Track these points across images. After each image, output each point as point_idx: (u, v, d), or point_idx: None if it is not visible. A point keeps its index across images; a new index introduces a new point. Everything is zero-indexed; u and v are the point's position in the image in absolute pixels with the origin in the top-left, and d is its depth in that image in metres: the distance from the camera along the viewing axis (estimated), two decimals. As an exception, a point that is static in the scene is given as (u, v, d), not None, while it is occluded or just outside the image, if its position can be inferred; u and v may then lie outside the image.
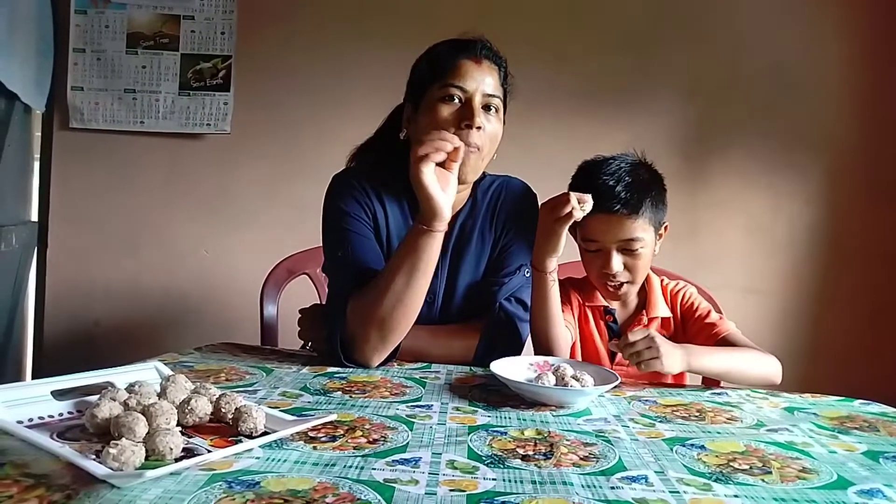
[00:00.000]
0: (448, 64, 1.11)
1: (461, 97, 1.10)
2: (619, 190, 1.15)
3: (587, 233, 1.20)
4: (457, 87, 1.09)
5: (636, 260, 1.19)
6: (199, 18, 2.19)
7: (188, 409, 0.70)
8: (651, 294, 1.28)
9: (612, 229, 1.17)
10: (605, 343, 1.28)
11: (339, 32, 2.20)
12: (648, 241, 1.19)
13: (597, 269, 1.22)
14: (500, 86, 1.14)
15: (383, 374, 1.04)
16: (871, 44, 2.21)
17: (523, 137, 2.21)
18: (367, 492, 0.58)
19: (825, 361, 2.21)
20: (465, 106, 1.09)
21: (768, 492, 0.63)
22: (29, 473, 0.57)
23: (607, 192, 1.15)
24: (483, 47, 1.14)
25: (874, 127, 2.22)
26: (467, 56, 1.12)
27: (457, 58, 1.11)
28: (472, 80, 1.10)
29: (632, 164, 1.20)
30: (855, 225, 2.23)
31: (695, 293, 1.30)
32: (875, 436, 0.84)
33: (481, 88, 1.10)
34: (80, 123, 2.19)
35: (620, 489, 0.62)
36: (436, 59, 1.14)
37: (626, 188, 1.15)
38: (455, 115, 1.09)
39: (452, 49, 1.13)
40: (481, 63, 1.12)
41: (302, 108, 2.21)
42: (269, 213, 2.23)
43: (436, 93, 1.11)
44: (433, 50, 1.16)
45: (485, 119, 1.10)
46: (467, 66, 1.11)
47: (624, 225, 1.16)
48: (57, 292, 2.25)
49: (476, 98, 1.09)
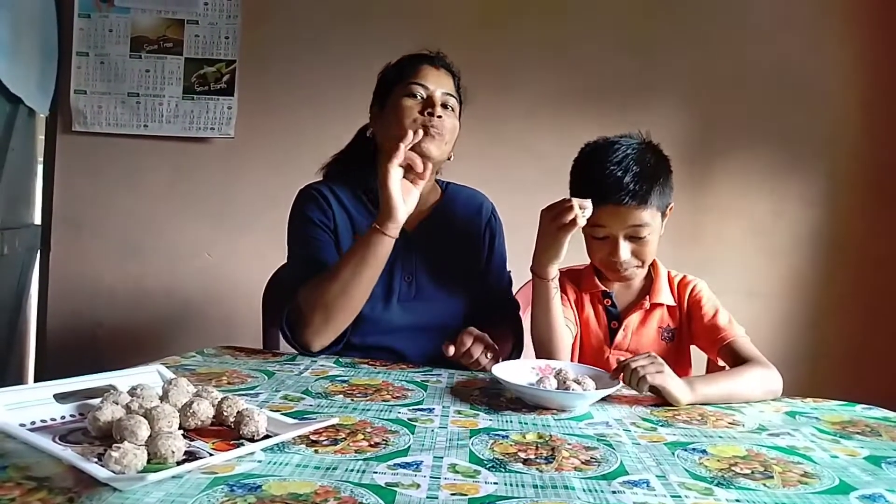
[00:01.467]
0: (410, 68, 1.27)
1: (423, 94, 1.24)
2: (627, 181, 1.13)
3: (595, 220, 1.16)
4: (420, 84, 1.24)
5: (643, 246, 1.18)
6: (202, 23, 2.20)
7: (190, 413, 0.70)
8: (656, 280, 1.26)
9: (620, 218, 1.15)
10: (604, 326, 1.26)
11: (343, 37, 2.21)
12: (656, 226, 1.18)
13: (603, 256, 1.20)
14: (455, 91, 1.29)
15: (385, 378, 1.04)
16: (873, 47, 2.21)
17: (526, 141, 2.22)
18: (369, 495, 0.58)
19: (827, 365, 2.20)
20: (427, 100, 1.24)
21: (770, 496, 0.63)
22: (31, 476, 0.57)
23: (615, 183, 1.13)
24: (440, 58, 1.30)
25: (876, 130, 2.21)
26: (428, 63, 1.28)
27: (419, 63, 1.27)
28: (432, 81, 1.25)
29: (638, 150, 1.17)
30: (857, 228, 2.23)
31: (705, 289, 1.26)
32: (877, 440, 0.84)
33: (440, 88, 1.25)
34: (84, 127, 2.20)
35: (622, 493, 0.62)
36: (400, 65, 1.30)
37: (634, 178, 1.13)
38: (418, 106, 1.23)
39: (415, 58, 1.29)
40: (439, 69, 1.28)
41: (306, 113, 2.21)
42: (273, 216, 2.20)
43: (400, 91, 1.25)
44: (398, 60, 1.32)
45: (444, 112, 1.24)
46: (428, 70, 1.26)
47: (633, 214, 1.14)
48: (60, 295, 2.25)
49: (436, 94, 1.24)
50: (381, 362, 1.16)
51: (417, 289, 1.28)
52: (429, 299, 1.28)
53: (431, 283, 1.29)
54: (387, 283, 1.26)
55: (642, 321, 1.25)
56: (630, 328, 1.25)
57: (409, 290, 1.27)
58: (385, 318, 1.22)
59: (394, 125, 1.22)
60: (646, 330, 1.25)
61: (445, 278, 1.31)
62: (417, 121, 1.20)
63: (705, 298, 1.24)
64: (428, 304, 1.28)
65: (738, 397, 1.01)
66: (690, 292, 1.26)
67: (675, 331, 1.25)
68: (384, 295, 1.25)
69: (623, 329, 1.24)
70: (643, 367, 0.96)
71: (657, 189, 1.16)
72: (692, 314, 1.24)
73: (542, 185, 1.36)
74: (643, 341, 1.24)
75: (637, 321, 1.25)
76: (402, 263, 1.27)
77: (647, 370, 0.95)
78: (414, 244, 1.29)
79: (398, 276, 1.27)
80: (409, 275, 1.28)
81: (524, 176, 2.18)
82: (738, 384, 1.02)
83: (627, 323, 1.25)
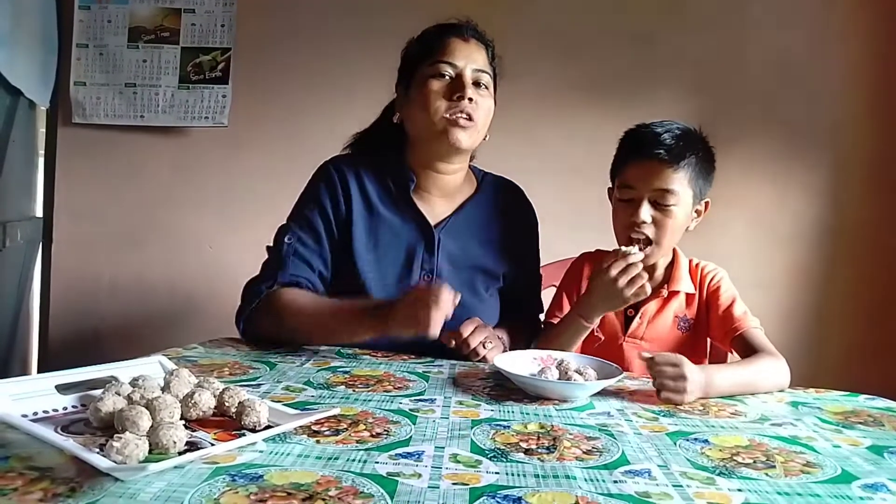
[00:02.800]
0: (437, 43, 1.15)
1: (451, 73, 1.14)
2: (664, 137, 1.14)
3: (625, 179, 1.18)
4: (447, 62, 1.13)
5: (666, 217, 1.16)
6: (199, 11, 2.19)
7: (192, 403, 0.70)
8: (676, 269, 1.25)
9: (649, 176, 1.15)
10: (620, 313, 1.24)
11: (340, 25, 2.20)
12: (684, 200, 1.16)
13: (625, 220, 1.18)
14: (488, 63, 1.18)
15: (386, 369, 1.04)
16: (876, 38, 2.19)
17: (529, 132, 2.21)
18: (370, 485, 0.58)
19: (830, 356, 2.20)
20: (456, 80, 1.14)
21: (772, 486, 0.63)
22: (33, 466, 0.57)
23: (652, 138, 1.15)
24: (470, 28, 1.18)
25: (880, 121, 2.20)
26: (456, 34, 1.16)
27: (445, 36, 1.16)
28: (461, 57, 1.14)
29: (686, 126, 1.20)
30: (861, 219, 2.22)
31: (725, 278, 1.25)
32: (880, 430, 0.84)
33: (470, 64, 1.14)
34: (83, 119, 2.20)
35: (623, 483, 0.62)
36: (425, 39, 1.18)
37: (671, 136, 1.15)
38: (446, 89, 1.14)
39: (440, 29, 1.17)
40: (469, 41, 1.16)
41: (301, 101, 2.20)
42: (273, 206, 2.21)
43: (426, 70, 1.15)
44: (422, 33, 1.20)
45: (476, 94, 1.14)
46: (456, 44, 1.15)
47: (663, 173, 1.14)
48: (62, 287, 2.25)
49: (466, 72, 1.14)
50: (382, 353, 1.16)
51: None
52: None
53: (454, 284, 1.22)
54: (403, 279, 1.20)
55: (659, 310, 1.25)
56: (647, 316, 1.24)
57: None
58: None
59: (420, 114, 1.15)
60: (661, 318, 1.25)
61: (470, 277, 1.24)
62: (444, 108, 1.12)
63: (724, 288, 1.23)
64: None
65: (749, 390, 1.00)
66: (710, 281, 1.25)
67: (691, 321, 1.25)
68: (398, 291, 1.18)
69: (639, 317, 1.24)
70: (666, 381, 0.91)
71: (692, 157, 1.16)
72: (710, 304, 1.23)
73: (546, 175, 1.36)
74: (659, 330, 1.24)
75: (654, 309, 1.25)
76: (422, 261, 1.21)
77: (667, 385, 0.91)
78: (439, 242, 1.22)
79: (416, 273, 1.21)
80: (428, 273, 1.21)
81: (526, 166, 2.16)
82: (750, 377, 1.01)
83: (644, 311, 1.24)
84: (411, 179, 1.23)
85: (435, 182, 1.25)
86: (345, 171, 1.23)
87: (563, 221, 2.16)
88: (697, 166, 1.17)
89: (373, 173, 1.24)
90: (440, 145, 1.17)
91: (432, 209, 1.25)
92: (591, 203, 1.34)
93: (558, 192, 2.15)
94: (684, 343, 1.24)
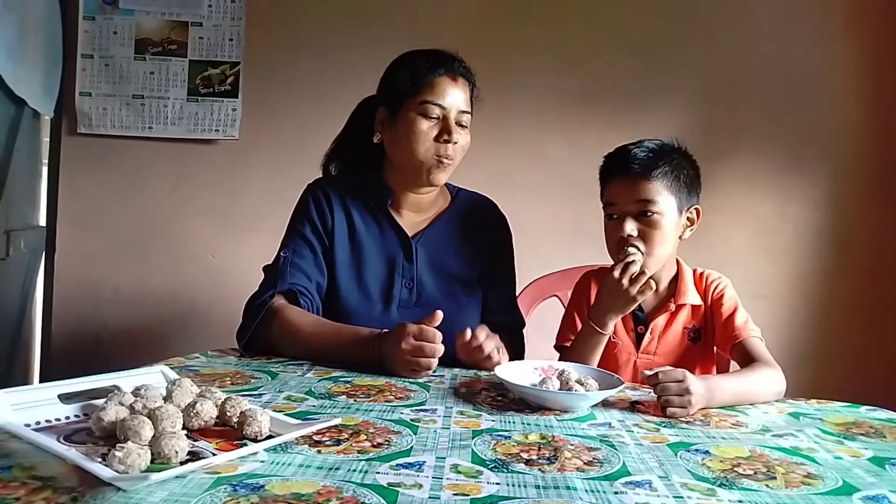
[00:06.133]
0: (427, 79, 1.22)
1: (438, 115, 1.22)
2: (635, 152, 1.18)
3: (607, 198, 1.23)
4: (436, 104, 1.21)
5: (650, 227, 1.17)
6: (207, 25, 2.21)
7: (193, 413, 0.70)
8: (681, 282, 1.26)
9: (628, 190, 1.18)
10: (631, 331, 1.26)
11: (347, 39, 2.21)
12: (666, 209, 1.18)
13: (614, 237, 1.20)
14: (470, 101, 1.27)
15: (387, 379, 1.04)
16: (877, 48, 2.20)
17: (530, 143, 2.22)
18: (371, 495, 0.58)
19: (831, 366, 2.19)
20: (443, 122, 1.22)
21: (773, 497, 0.63)
22: (36, 476, 0.57)
23: (625, 155, 1.19)
24: (459, 66, 1.26)
25: (881, 131, 2.21)
26: (446, 73, 1.23)
27: (436, 73, 1.22)
28: (449, 98, 1.22)
29: (662, 141, 1.23)
30: (862, 229, 2.22)
31: (728, 286, 1.26)
32: (881, 442, 0.84)
33: (456, 105, 1.23)
34: (88, 129, 2.21)
35: (624, 494, 0.62)
36: (415, 72, 1.24)
37: (643, 150, 1.19)
38: (433, 130, 1.22)
39: (431, 64, 1.23)
40: (457, 81, 1.24)
41: (310, 114, 2.21)
42: (277, 217, 2.21)
43: (415, 107, 1.22)
44: (413, 61, 1.26)
45: (458, 134, 1.23)
46: (445, 84, 1.22)
47: (639, 185, 1.17)
48: (64, 296, 2.26)
49: (452, 115, 1.22)
50: None
51: (418, 295, 1.27)
52: (430, 306, 1.23)
53: (434, 291, 1.28)
54: (386, 288, 1.26)
55: (668, 324, 1.25)
56: (657, 332, 1.25)
57: (410, 297, 1.27)
58: (384, 324, 1.19)
59: (406, 149, 1.22)
60: (671, 332, 1.25)
61: (449, 286, 1.30)
62: (431, 151, 1.21)
63: (727, 296, 1.24)
64: (429, 310, 1.24)
65: (748, 399, 1.01)
66: (715, 289, 1.26)
67: (700, 330, 1.25)
68: (383, 300, 1.26)
69: (650, 332, 1.25)
70: (671, 397, 0.91)
71: (665, 166, 1.18)
72: (714, 311, 1.25)
73: (545, 186, 1.36)
74: (670, 344, 1.25)
75: (662, 324, 1.25)
76: (402, 269, 1.27)
77: (672, 402, 0.91)
78: (417, 251, 1.29)
79: (398, 281, 1.27)
80: (409, 281, 1.28)
81: (527, 177, 2.17)
82: (748, 387, 1.02)
83: (653, 326, 1.25)
84: (389, 196, 1.31)
85: (410, 199, 1.33)
86: (328, 190, 1.32)
87: (564, 233, 2.17)
88: (674, 174, 1.19)
89: (353, 193, 1.33)
90: (419, 178, 1.26)
91: (408, 222, 1.33)
92: (592, 215, 1.34)
93: (559, 203, 2.16)
94: (695, 353, 1.25)
